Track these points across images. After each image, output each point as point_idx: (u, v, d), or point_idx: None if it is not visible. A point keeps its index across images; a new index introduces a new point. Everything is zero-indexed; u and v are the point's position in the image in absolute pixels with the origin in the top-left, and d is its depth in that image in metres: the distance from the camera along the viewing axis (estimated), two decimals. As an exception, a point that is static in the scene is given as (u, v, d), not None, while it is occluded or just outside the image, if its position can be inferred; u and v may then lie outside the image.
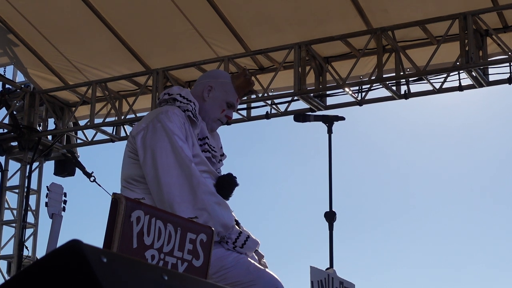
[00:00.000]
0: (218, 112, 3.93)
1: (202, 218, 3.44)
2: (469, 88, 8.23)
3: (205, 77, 4.08)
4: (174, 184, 3.54)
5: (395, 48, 8.19)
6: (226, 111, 3.95)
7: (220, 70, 4.88)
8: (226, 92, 3.95)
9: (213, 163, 3.85)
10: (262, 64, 9.04)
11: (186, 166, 3.58)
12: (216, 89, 3.94)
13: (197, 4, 8.29)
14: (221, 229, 3.52)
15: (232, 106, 3.97)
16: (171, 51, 9.01)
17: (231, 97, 3.95)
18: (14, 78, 10.01)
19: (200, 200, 3.53)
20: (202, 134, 3.84)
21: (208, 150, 3.83)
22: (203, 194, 3.55)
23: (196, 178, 3.57)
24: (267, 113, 9.03)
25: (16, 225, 9.66)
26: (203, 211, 3.50)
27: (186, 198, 3.52)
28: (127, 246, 2.64)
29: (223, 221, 3.53)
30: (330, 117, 5.95)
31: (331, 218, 5.58)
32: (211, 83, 3.96)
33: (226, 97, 3.95)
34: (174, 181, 3.55)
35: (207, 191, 3.58)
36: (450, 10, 7.78)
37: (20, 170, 9.93)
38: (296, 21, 8.40)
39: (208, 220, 3.46)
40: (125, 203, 2.65)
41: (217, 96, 3.93)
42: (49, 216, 5.72)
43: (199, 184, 3.56)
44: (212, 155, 3.85)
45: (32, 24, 8.89)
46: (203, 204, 3.52)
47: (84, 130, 9.92)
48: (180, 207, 3.49)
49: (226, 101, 3.94)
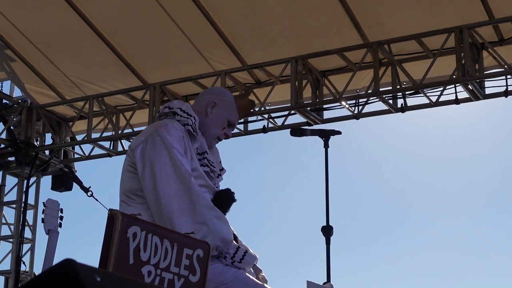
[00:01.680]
0: (219, 129, 3.97)
1: (201, 231, 3.46)
2: (466, 101, 8.24)
3: (209, 93, 4.12)
4: (173, 197, 3.55)
5: (392, 61, 8.21)
6: (226, 129, 4.00)
7: (224, 88, 4.93)
8: (229, 111, 4.00)
9: (211, 178, 3.87)
10: (259, 78, 9.05)
11: (185, 180, 3.59)
12: (219, 106, 3.99)
13: (194, 18, 8.31)
14: (220, 243, 3.52)
15: (232, 125, 4.03)
16: (168, 66, 9.02)
17: (232, 116, 4.01)
18: (11, 93, 10.02)
19: (199, 213, 3.53)
20: (202, 149, 3.86)
21: (207, 164, 3.85)
22: (203, 207, 3.55)
23: (196, 191, 3.58)
24: (264, 127, 9.03)
25: (13, 240, 9.64)
26: (202, 225, 3.50)
27: (185, 212, 3.53)
28: (124, 262, 2.64)
29: (222, 235, 3.53)
30: (327, 131, 5.94)
31: (328, 232, 5.57)
32: (215, 100, 4.00)
33: (228, 115, 3.99)
34: (173, 194, 3.56)
35: (206, 205, 3.58)
36: (446, 23, 7.81)
37: (17, 185, 9.93)
38: (293, 35, 8.42)
39: (207, 234, 3.46)
40: (122, 219, 2.65)
41: (220, 113, 3.98)
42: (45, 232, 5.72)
43: (199, 198, 3.57)
44: (211, 169, 3.87)
45: (29, 39, 8.90)
46: (203, 217, 3.53)
47: (81, 145, 9.92)
48: (179, 220, 3.49)
49: (228, 119, 3.99)
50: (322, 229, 5.62)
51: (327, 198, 5.69)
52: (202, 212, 3.54)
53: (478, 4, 7.64)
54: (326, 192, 5.71)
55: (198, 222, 3.51)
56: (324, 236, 5.59)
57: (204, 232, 3.47)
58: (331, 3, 7.90)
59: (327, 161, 5.79)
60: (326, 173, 5.76)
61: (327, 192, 5.71)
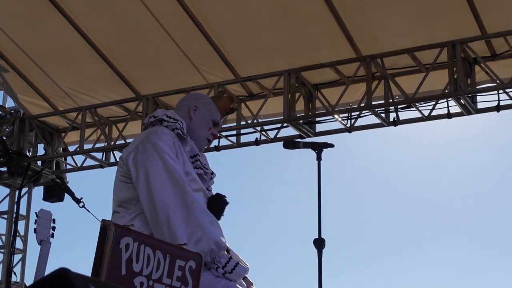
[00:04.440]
0: (206, 130, 4.02)
1: (196, 235, 3.47)
2: (458, 116, 8.27)
3: (187, 99, 4.17)
4: (168, 202, 3.56)
5: (384, 75, 8.24)
6: (212, 129, 4.05)
7: (199, 92, 5.02)
8: (211, 111, 4.06)
9: (205, 180, 3.90)
10: (252, 90, 9.06)
11: (179, 184, 3.61)
12: (201, 108, 4.04)
13: (187, 31, 8.32)
14: (214, 247, 3.52)
15: (217, 124, 4.08)
16: (161, 78, 9.02)
17: (215, 115, 4.07)
18: (4, 103, 10.01)
19: (194, 217, 3.54)
20: (193, 152, 3.90)
21: (200, 166, 3.89)
22: (197, 211, 3.57)
23: (190, 195, 3.60)
24: (256, 140, 9.03)
25: (4, 250, 9.61)
26: (197, 228, 3.51)
27: (180, 215, 3.54)
28: (116, 273, 2.64)
29: (216, 239, 3.54)
30: (319, 144, 5.95)
31: (320, 245, 5.57)
32: (196, 103, 4.06)
33: (211, 115, 4.05)
34: (167, 198, 3.57)
35: (201, 209, 3.60)
36: (439, 38, 7.84)
37: (9, 196, 9.90)
38: (286, 48, 8.43)
39: (202, 237, 3.48)
40: (114, 229, 2.66)
41: (203, 114, 4.03)
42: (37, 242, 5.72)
43: (193, 202, 3.59)
44: (204, 171, 3.91)
45: (22, 49, 8.90)
46: (197, 221, 3.54)
47: (74, 155, 9.90)
48: (175, 222, 3.50)
49: (212, 119, 4.05)
50: (314, 241, 5.63)
51: (319, 211, 5.69)
52: (197, 215, 3.55)
53: (470, 19, 7.67)
54: (319, 205, 5.71)
55: (193, 225, 3.52)
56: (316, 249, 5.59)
57: (199, 235, 3.48)
58: (324, 17, 7.92)
59: (319, 174, 5.80)
60: (319, 186, 5.76)
61: (319, 204, 5.71)
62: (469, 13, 7.63)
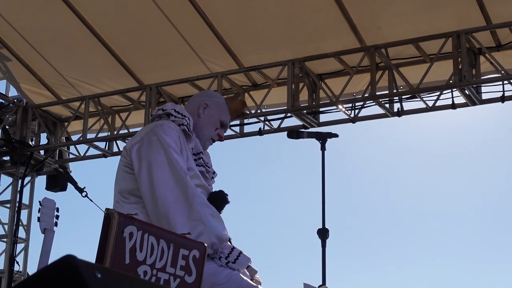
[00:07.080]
0: (212, 130, 4.01)
1: (197, 229, 3.48)
2: (462, 106, 8.24)
3: (200, 96, 4.18)
4: (170, 195, 3.57)
5: (389, 65, 8.21)
6: (219, 130, 4.04)
7: (215, 91, 4.99)
8: (221, 111, 4.05)
9: (206, 178, 3.91)
10: (256, 80, 9.04)
11: (181, 178, 3.61)
12: (211, 107, 4.04)
13: (191, 20, 8.30)
14: (216, 240, 3.53)
15: (225, 125, 4.07)
16: (164, 67, 9.01)
17: (224, 116, 4.06)
18: (7, 92, 10.00)
19: (195, 211, 3.55)
20: (197, 149, 3.90)
21: (202, 164, 3.90)
22: (199, 205, 3.57)
23: (192, 189, 3.61)
24: (260, 130, 9.02)
25: (7, 240, 9.62)
26: (198, 222, 3.52)
27: (181, 209, 3.54)
28: (120, 262, 2.63)
29: (217, 233, 3.54)
30: (323, 134, 5.95)
31: (324, 235, 5.57)
32: (207, 101, 4.06)
33: (220, 116, 4.04)
34: (169, 192, 3.58)
35: (202, 202, 3.61)
36: (444, 28, 7.81)
37: (11, 185, 9.90)
38: (290, 38, 8.41)
39: (203, 231, 3.48)
40: (118, 218, 2.64)
41: (212, 114, 4.02)
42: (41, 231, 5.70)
43: (195, 196, 3.59)
44: (206, 170, 3.91)
45: (25, 38, 8.88)
46: (199, 215, 3.54)
47: (77, 145, 9.90)
48: (176, 217, 3.51)
49: (220, 120, 4.04)
50: (318, 231, 5.63)
51: (323, 201, 5.69)
52: (198, 209, 3.55)
53: (475, 10, 7.64)
54: (323, 195, 5.71)
55: (194, 219, 3.53)
56: (320, 239, 5.60)
57: (200, 229, 3.49)
58: (329, 7, 7.89)
59: (323, 164, 5.79)
60: (323, 176, 5.76)
61: (323, 194, 5.71)
62: (474, 3, 7.60)
